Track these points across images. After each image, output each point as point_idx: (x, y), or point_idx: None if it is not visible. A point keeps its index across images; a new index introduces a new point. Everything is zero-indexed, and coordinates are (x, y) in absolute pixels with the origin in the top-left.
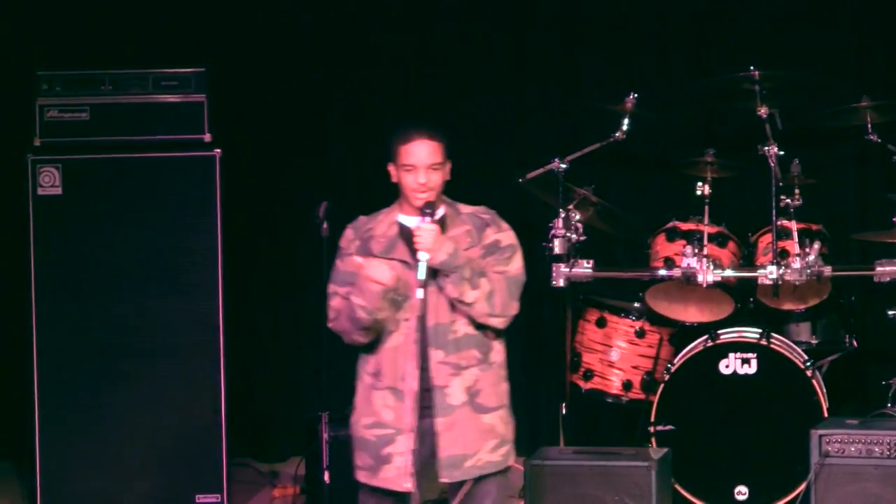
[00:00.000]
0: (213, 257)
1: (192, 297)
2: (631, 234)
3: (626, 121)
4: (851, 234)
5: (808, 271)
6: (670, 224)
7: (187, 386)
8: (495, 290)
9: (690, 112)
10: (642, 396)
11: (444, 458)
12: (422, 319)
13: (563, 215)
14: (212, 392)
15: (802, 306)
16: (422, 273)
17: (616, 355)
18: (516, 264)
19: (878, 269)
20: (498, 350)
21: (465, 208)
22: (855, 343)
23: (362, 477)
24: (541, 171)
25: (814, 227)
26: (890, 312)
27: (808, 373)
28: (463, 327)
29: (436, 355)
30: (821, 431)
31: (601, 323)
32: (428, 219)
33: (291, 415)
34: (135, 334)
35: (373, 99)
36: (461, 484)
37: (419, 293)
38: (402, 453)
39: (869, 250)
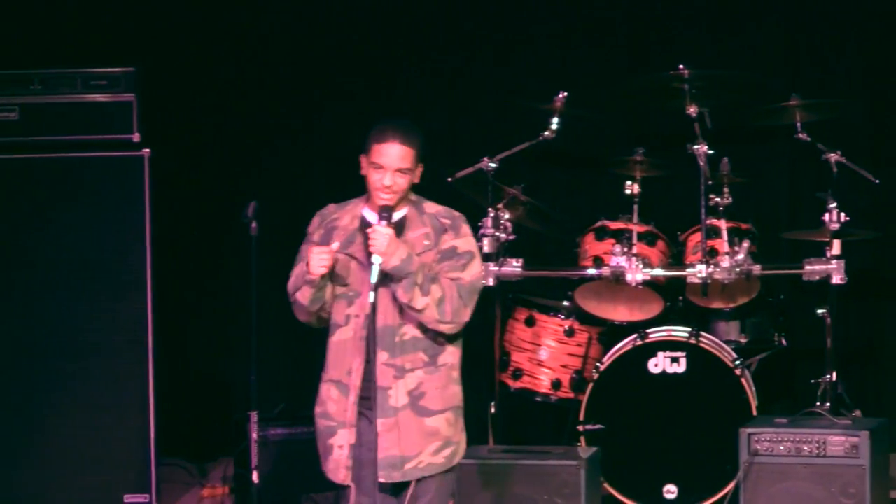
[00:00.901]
0: (142, 257)
1: (122, 296)
2: (560, 233)
3: (555, 120)
4: (781, 232)
5: (738, 270)
6: (599, 223)
7: (116, 385)
8: (446, 297)
9: (620, 111)
10: (571, 395)
11: (383, 459)
12: (371, 319)
13: (492, 214)
14: (141, 392)
15: (731, 305)
16: (374, 276)
17: (545, 354)
18: (472, 271)
19: (807, 267)
20: (450, 352)
21: (431, 208)
22: (784, 342)
23: (322, 462)
24: (470, 169)
25: (743, 225)
26: (819, 311)
27: (738, 371)
28: (411, 330)
29: (381, 356)
30: (750, 430)
31: (530, 322)
32: (384, 222)
33: (220, 415)
34: (64, 334)
35: (302, 98)
36: (404, 484)
37: (371, 296)
38: (341, 446)
39: (798, 249)
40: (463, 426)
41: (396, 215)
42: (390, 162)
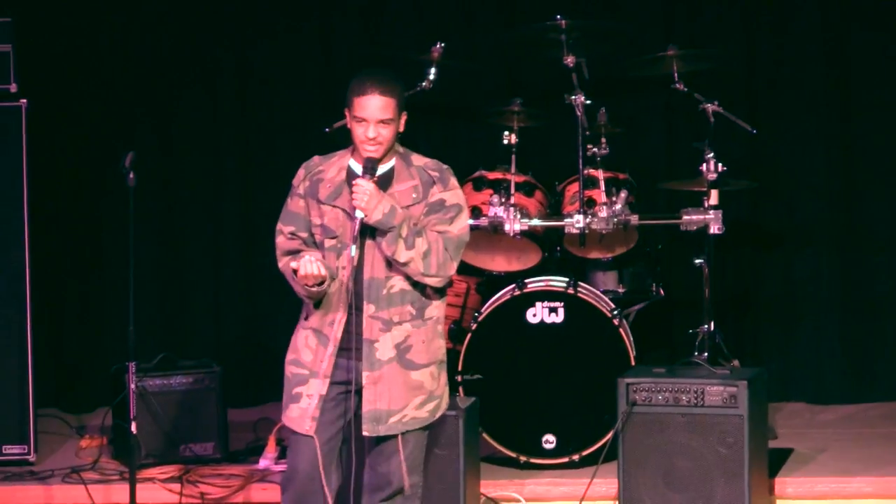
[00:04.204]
0: (20, 207)
1: None
2: None
3: (432, 70)
4: (658, 183)
5: (615, 220)
6: (477, 173)
7: None
8: (431, 251)
9: (497, 61)
10: (449, 345)
11: (368, 413)
12: (357, 271)
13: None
14: (18, 343)
15: (609, 255)
16: (355, 229)
17: None
18: (459, 225)
19: (685, 217)
20: (436, 306)
21: (418, 160)
22: (662, 292)
23: (283, 409)
24: (346, 120)
25: (620, 176)
26: (696, 261)
27: (616, 321)
28: (399, 283)
29: (368, 309)
30: (628, 380)
31: None
32: (367, 175)
33: (98, 365)
34: None
35: (174, 50)
36: (382, 439)
37: (352, 250)
38: (310, 395)
39: (676, 199)
40: (446, 380)
41: (384, 167)
42: (371, 114)
